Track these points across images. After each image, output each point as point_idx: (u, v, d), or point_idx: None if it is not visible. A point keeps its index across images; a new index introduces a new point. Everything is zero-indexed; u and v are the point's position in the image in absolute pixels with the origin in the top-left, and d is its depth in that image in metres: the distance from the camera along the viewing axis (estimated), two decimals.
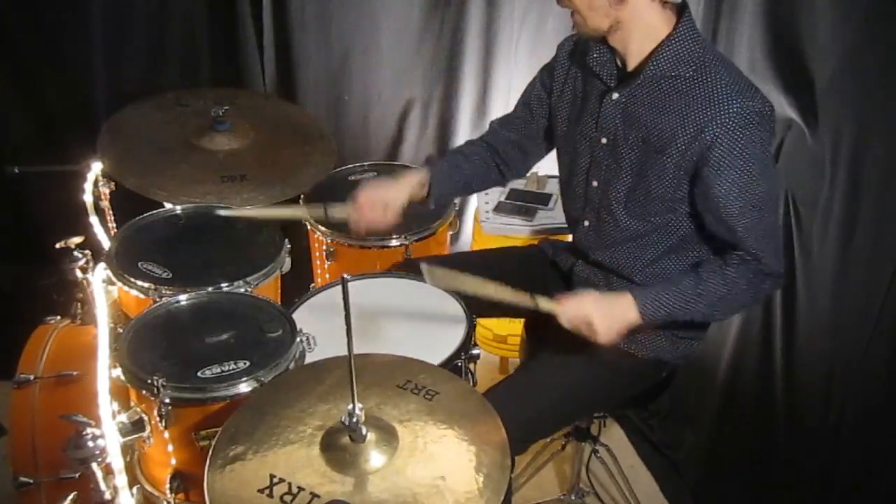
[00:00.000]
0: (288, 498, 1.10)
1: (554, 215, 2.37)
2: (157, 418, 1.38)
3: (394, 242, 1.99)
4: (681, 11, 1.48)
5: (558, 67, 1.69)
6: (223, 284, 1.64)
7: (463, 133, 2.60)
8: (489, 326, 2.49)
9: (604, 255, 1.68)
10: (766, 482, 2.06)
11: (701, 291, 1.50)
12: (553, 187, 2.48)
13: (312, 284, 2.11)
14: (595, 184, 1.64)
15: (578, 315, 1.49)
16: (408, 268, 1.85)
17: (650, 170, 1.52)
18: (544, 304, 1.53)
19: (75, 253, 1.80)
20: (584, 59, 1.61)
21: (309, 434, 1.20)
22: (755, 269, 1.49)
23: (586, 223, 1.70)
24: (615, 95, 1.55)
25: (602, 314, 1.48)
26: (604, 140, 1.59)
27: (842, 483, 1.81)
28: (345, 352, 1.13)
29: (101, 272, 1.76)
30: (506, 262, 1.92)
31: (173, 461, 1.46)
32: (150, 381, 1.37)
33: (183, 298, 1.60)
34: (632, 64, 1.52)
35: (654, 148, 1.50)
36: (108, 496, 1.37)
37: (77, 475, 1.36)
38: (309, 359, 1.51)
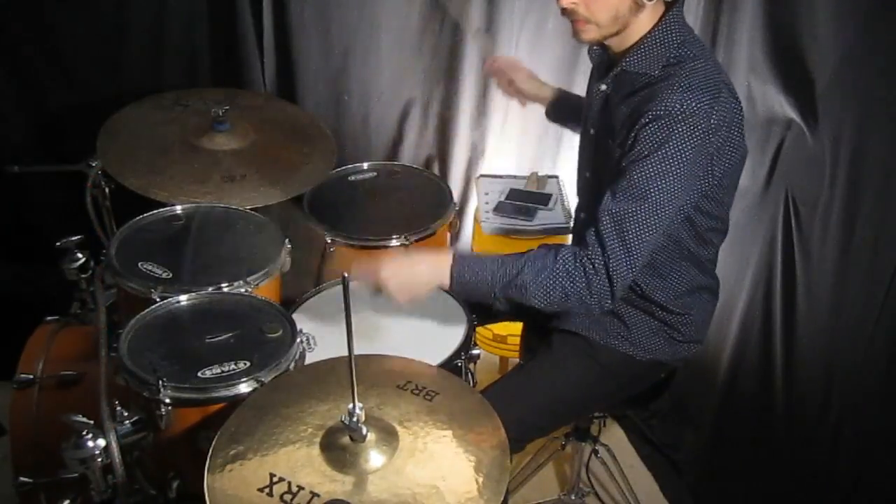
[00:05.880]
0: (288, 497, 1.10)
1: (554, 215, 2.37)
2: (157, 418, 1.38)
3: (394, 242, 1.99)
4: (670, 5, 1.46)
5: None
6: (223, 284, 1.64)
7: (463, 133, 2.60)
8: (489, 326, 2.49)
9: None
10: (765, 482, 2.06)
11: (514, 272, 1.45)
12: (553, 187, 2.48)
13: None
14: (588, 175, 1.65)
15: (369, 271, 1.50)
16: None
17: (612, 162, 1.50)
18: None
19: (75, 253, 1.80)
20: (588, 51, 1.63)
21: (309, 434, 1.20)
22: (589, 260, 1.42)
23: (583, 215, 1.72)
24: (602, 87, 1.55)
25: (394, 272, 1.50)
26: (592, 131, 1.60)
27: (842, 483, 1.81)
28: (345, 352, 1.13)
29: (100, 272, 1.76)
30: None
31: (173, 461, 1.46)
32: (150, 381, 1.37)
33: (183, 298, 1.59)
34: (616, 56, 1.53)
35: (615, 151, 1.49)
36: (108, 496, 1.37)
37: (77, 475, 1.36)
38: (309, 359, 1.52)
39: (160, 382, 1.36)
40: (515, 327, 2.37)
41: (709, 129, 1.38)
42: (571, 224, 1.95)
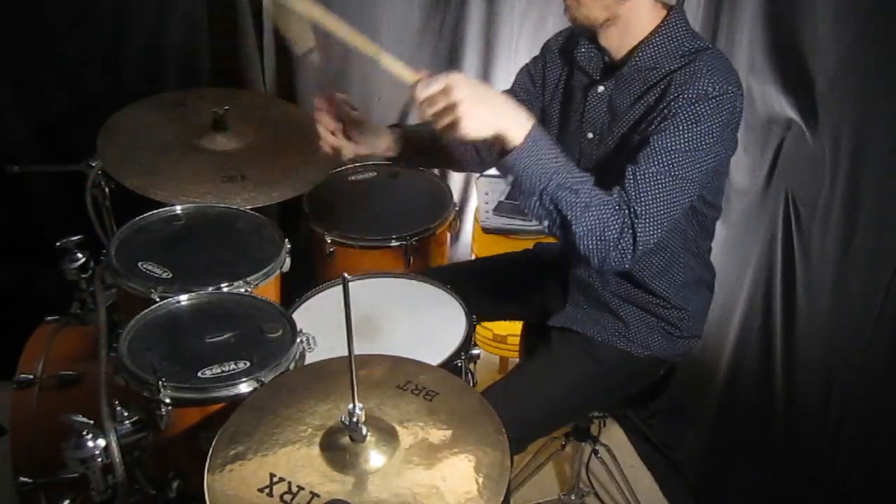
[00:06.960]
0: (288, 497, 1.10)
1: None
2: (157, 418, 1.38)
3: (394, 243, 1.99)
4: (671, 5, 1.47)
5: (549, 66, 1.69)
6: (223, 284, 1.64)
7: None
8: (489, 326, 2.49)
9: None
10: (766, 482, 2.06)
11: (577, 178, 1.39)
12: None
13: None
14: None
15: (447, 86, 1.37)
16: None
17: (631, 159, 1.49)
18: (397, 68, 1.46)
19: (75, 253, 1.80)
20: (571, 54, 1.61)
21: (309, 434, 1.20)
22: (624, 213, 1.39)
23: None
24: (600, 88, 1.55)
25: (476, 101, 1.34)
26: (590, 135, 1.59)
27: (842, 483, 1.81)
28: (345, 352, 1.13)
29: (100, 272, 1.76)
30: (501, 268, 1.92)
31: (173, 461, 1.46)
32: (150, 381, 1.37)
33: (183, 298, 1.59)
34: (617, 57, 1.52)
35: (636, 140, 1.48)
36: (108, 496, 1.37)
37: (77, 475, 1.36)
38: (309, 359, 1.52)
39: (160, 382, 1.36)
40: (515, 327, 2.37)
41: (733, 112, 1.41)
42: None
